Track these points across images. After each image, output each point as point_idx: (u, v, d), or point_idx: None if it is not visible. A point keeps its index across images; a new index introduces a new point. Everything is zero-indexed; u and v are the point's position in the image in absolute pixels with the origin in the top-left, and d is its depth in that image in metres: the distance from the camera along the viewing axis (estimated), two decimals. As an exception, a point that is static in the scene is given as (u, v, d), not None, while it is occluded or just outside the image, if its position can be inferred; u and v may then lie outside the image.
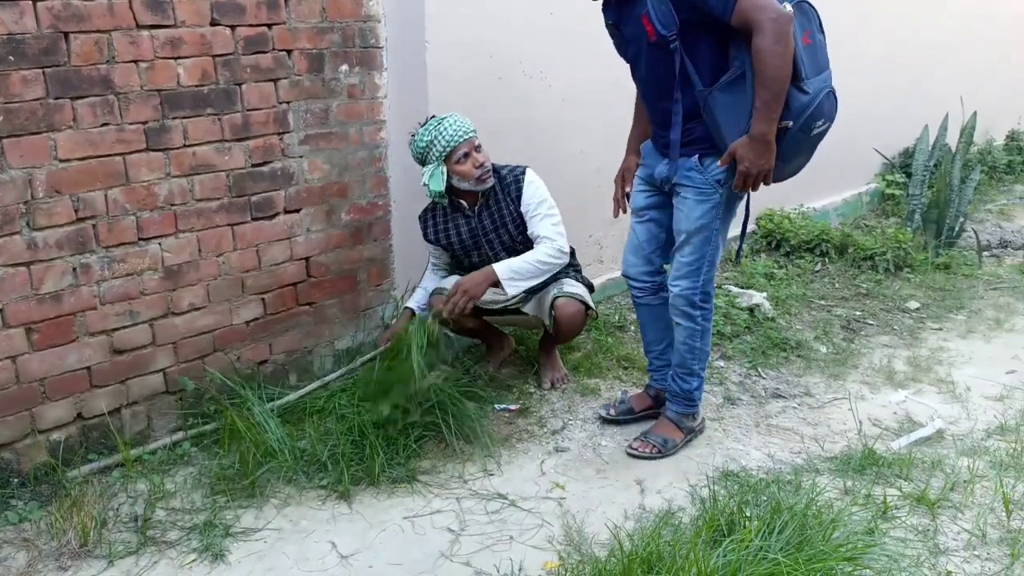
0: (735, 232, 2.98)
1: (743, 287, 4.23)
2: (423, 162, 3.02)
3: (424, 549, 2.37)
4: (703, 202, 2.62)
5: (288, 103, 2.99)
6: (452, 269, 3.31)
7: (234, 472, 2.64)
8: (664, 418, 2.91)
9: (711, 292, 2.76)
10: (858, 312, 4.14)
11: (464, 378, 3.25)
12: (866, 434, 2.95)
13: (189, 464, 2.75)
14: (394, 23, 3.21)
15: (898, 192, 5.87)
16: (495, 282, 2.95)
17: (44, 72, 2.43)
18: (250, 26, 2.84)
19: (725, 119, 2.48)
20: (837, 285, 4.51)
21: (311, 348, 3.26)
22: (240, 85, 2.86)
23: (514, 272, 2.97)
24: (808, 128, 2.45)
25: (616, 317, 3.92)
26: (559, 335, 3.21)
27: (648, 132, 2.83)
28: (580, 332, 3.29)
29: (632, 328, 3.83)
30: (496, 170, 3.10)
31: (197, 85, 2.75)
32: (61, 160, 2.51)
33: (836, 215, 5.53)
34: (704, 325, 2.78)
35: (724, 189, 2.60)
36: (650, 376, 3.12)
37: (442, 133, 2.94)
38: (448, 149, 2.95)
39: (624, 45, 2.67)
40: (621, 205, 3.00)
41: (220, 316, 2.97)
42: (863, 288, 4.45)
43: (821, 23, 2.47)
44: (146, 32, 2.61)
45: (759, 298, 4.01)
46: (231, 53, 2.81)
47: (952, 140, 5.42)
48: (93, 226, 2.62)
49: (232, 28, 2.80)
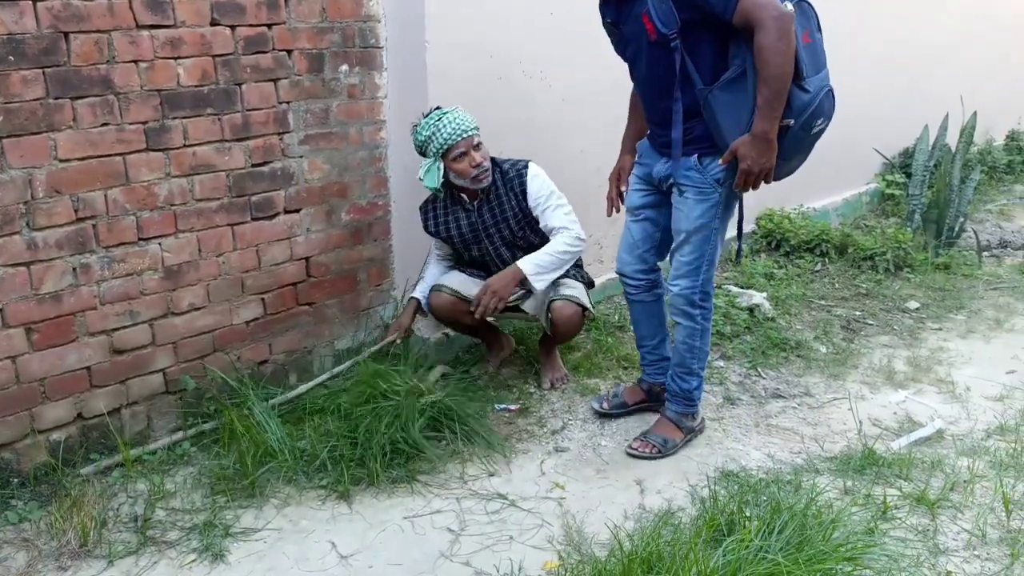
0: (731, 232, 2.98)
1: (743, 287, 4.23)
2: (423, 154, 3.01)
3: (424, 549, 2.37)
4: (702, 201, 2.62)
5: (288, 103, 3.00)
6: (455, 258, 3.30)
7: (234, 472, 2.64)
8: (664, 418, 2.92)
9: (710, 291, 2.76)
10: (858, 312, 4.14)
11: (464, 378, 3.25)
12: (866, 434, 2.95)
13: (189, 464, 2.75)
14: (394, 23, 3.21)
15: (898, 192, 5.87)
16: (523, 279, 2.96)
17: (44, 72, 2.43)
18: (250, 26, 2.84)
19: (725, 118, 2.48)
20: (837, 285, 4.51)
21: (311, 348, 3.26)
22: (240, 85, 2.86)
23: (539, 267, 2.98)
24: (809, 127, 2.46)
25: (616, 317, 3.92)
26: (556, 336, 3.22)
27: (643, 131, 2.83)
28: (578, 333, 3.30)
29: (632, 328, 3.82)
30: (498, 164, 3.09)
31: (197, 85, 2.75)
32: (61, 160, 2.51)
33: (836, 215, 5.53)
34: (704, 324, 2.78)
35: (723, 188, 2.60)
36: (642, 370, 3.12)
37: (441, 130, 2.92)
38: (446, 146, 2.93)
39: (623, 43, 2.67)
40: (615, 204, 3.00)
41: (220, 316, 2.97)
42: (863, 288, 4.45)
43: (819, 22, 2.47)
44: (146, 32, 2.61)
45: (759, 298, 4.01)
46: (231, 53, 2.81)
47: (952, 140, 5.42)
48: (93, 226, 2.62)
49: (232, 28, 2.80)
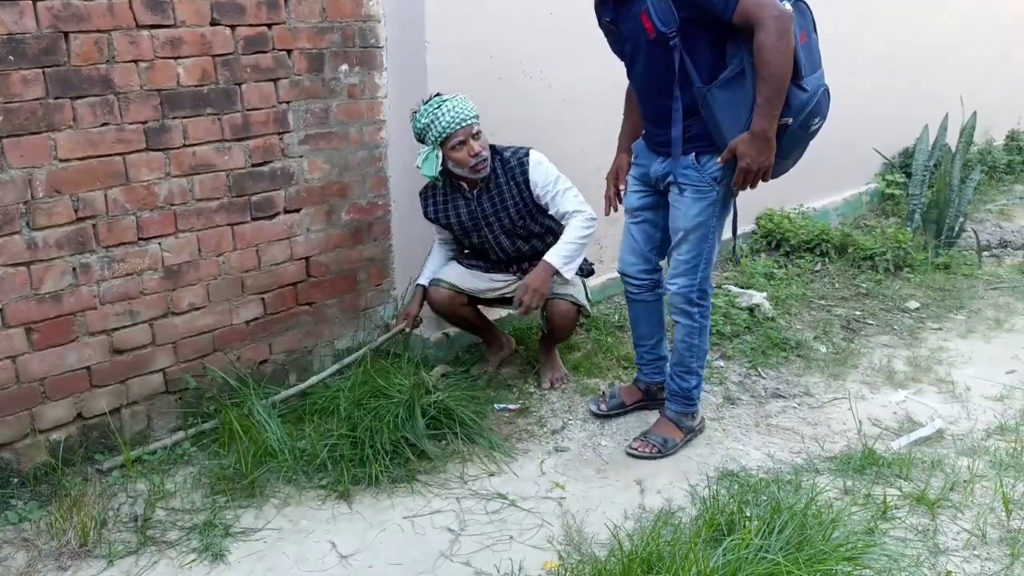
0: (726, 233, 2.98)
1: (743, 287, 4.23)
2: (421, 141, 2.99)
3: (424, 549, 2.37)
4: (700, 199, 2.62)
5: (288, 103, 3.00)
6: (457, 242, 3.30)
7: (234, 472, 2.64)
8: (663, 418, 2.92)
9: (708, 289, 2.76)
10: (858, 312, 4.14)
11: (464, 378, 3.25)
12: (866, 434, 2.95)
13: (189, 464, 2.75)
14: (394, 23, 3.21)
15: (898, 192, 5.86)
16: (555, 271, 2.99)
17: (44, 72, 2.43)
18: (250, 26, 2.84)
19: (724, 116, 2.49)
20: (837, 285, 4.51)
21: (311, 348, 3.26)
22: (240, 85, 2.86)
23: (567, 257, 3.00)
24: (807, 125, 2.47)
25: (616, 317, 3.92)
26: (553, 333, 3.23)
27: (639, 129, 2.84)
28: (574, 329, 3.30)
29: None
30: (498, 152, 3.07)
31: (197, 85, 2.75)
32: (61, 160, 2.51)
33: (836, 215, 5.52)
34: (702, 322, 2.78)
35: (721, 186, 2.61)
36: (639, 369, 3.13)
37: (440, 117, 2.89)
38: (444, 135, 2.91)
39: (621, 42, 2.67)
40: (613, 203, 3.00)
41: (220, 316, 2.97)
42: (863, 288, 4.45)
43: (815, 22, 2.48)
44: (146, 32, 2.61)
45: (759, 298, 4.01)
46: (231, 53, 2.81)
47: (952, 140, 5.42)
48: (93, 226, 2.62)
49: (232, 28, 2.80)
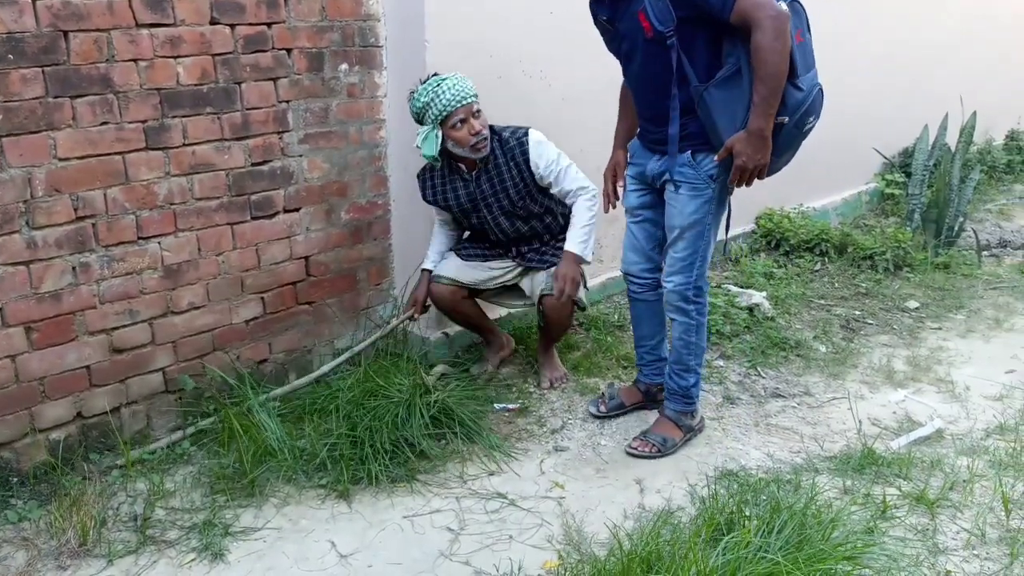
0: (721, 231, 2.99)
1: (742, 286, 4.23)
2: (420, 121, 2.96)
3: (423, 548, 2.37)
4: (696, 197, 2.63)
5: (288, 102, 2.99)
6: (457, 226, 3.29)
7: (233, 471, 2.65)
8: (663, 417, 2.92)
9: (704, 287, 2.77)
10: (857, 312, 4.14)
11: (464, 377, 3.25)
12: (865, 433, 2.95)
13: (189, 463, 2.75)
14: (394, 22, 3.21)
15: (897, 192, 5.86)
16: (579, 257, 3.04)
17: (43, 71, 2.43)
18: (250, 25, 2.84)
19: (720, 115, 2.50)
20: (836, 285, 4.51)
21: (310, 347, 3.26)
22: (240, 84, 2.86)
23: (583, 243, 3.05)
24: (802, 124, 2.49)
25: (616, 317, 3.92)
26: (550, 329, 3.23)
27: (635, 126, 2.84)
28: (570, 323, 3.30)
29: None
30: (496, 132, 3.05)
31: (197, 84, 2.75)
32: (60, 159, 2.51)
33: (835, 215, 5.52)
34: (699, 320, 2.78)
35: (717, 184, 2.62)
36: (639, 370, 3.13)
37: (440, 96, 2.87)
38: (444, 113, 2.88)
39: (617, 41, 2.67)
40: (611, 200, 3.01)
41: (219, 315, 2.97)
42: (862, 288, 4.45)
43: (809, 22, 2.49)
44: (145, 31, 2.61)
45: (758, 297, 4.01)
46: (231, 52, 2.81)
47: (952, 140, 5.42)
48: (92, 225, 2.62)
49: (232, 27, 2.80)
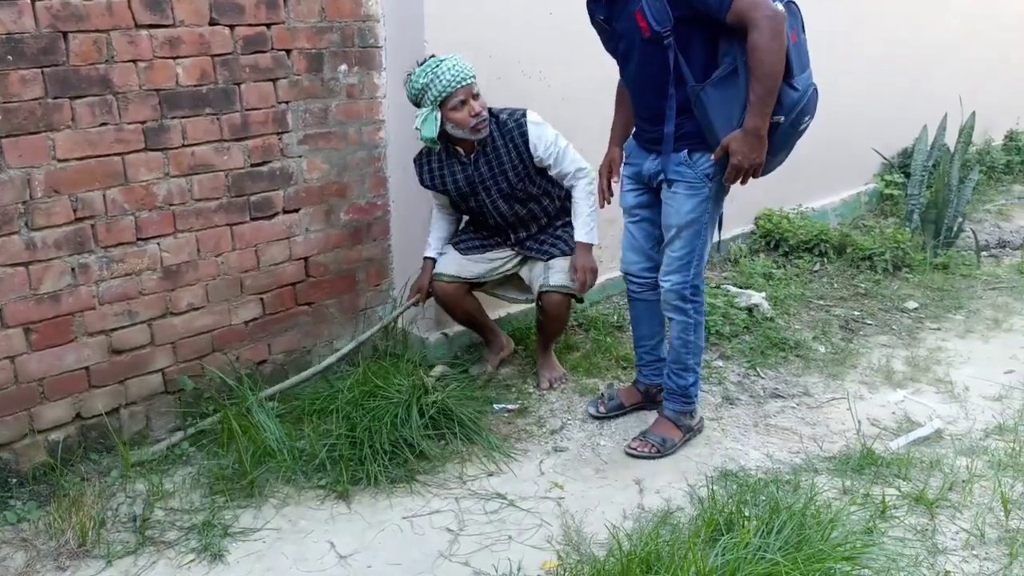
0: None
1: (742, 287, 4.22)
2: (418, 104, 2.94)
3: (423, 549, 2.37)
4: (692, 196, 2.63)
5: (287, 103, 2.99)
6: (456, 210, 3.28)
7: (233, 472, 2.64)
8: (662, 417, 2.92)
9: (701, 285, 2.77)
10: (856, 312, 4.14)
11: (463, 378, 3.25)
12: (864, 434, 2.95)
13: (188, 464, 2.75)
14: (393, 23, 3.21)
15: (897, 192, 5.86)
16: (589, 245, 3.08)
17: (43, 72, 2.43)
18: (249, 26, 2.84)
19: (717, 114, 2.51)
20: (836, 285, 4.51)
21: (310, 348, 3.26)
22: (239, 85, 2.86)
23: (590, 228, 3.08)
24: (797, 123, 2.51)
25: (615, 317, 3.92)
26: (548, 325, 3.24)
27: (630, 123, 2.85)
28: (567, 318, 3.30)
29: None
30: (495, 114, 3.03)
31: (196, 85, 2.75)
32: (60, 160, 2.51)
33: (835, 215, 5.52)
34: (696, 318, 2.79)
35: (713, 183, 2.62)
36: (638, 371, 3.13)
37: (439, 77, 2.84)
38: (444, 95, 2.86)
39: (614, 41, 2.68)
40: (606, 196, 3.01)
41: (219, 316, 2.97)
42: (861, 288, 4.45)
43: (803, 22, 2.50)
44: (145, 32, 2.61)
45: (758, 298, 4.01)
46: (230, 53, 2.81)
47: (951, 140, 5.42)
48: (92, 226, 2.62)
49: (231, 28, 2.80)
